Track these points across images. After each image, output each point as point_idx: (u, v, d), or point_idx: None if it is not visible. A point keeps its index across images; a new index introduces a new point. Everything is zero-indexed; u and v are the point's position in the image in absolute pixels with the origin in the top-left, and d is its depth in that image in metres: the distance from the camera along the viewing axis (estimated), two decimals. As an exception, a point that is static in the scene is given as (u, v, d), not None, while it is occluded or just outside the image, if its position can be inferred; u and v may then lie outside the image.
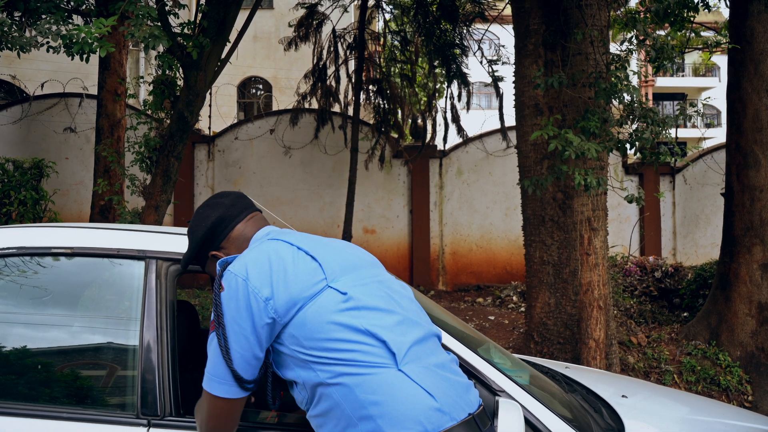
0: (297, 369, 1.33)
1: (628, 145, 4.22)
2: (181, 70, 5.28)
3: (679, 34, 6.35)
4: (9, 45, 3.74)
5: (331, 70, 8.78)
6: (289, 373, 1.36)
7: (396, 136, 9.26)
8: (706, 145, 18.71)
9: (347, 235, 8.01)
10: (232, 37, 5.57)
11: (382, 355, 1.31)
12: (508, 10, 5.97)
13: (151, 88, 5.48)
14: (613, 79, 4.05)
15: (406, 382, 1.29)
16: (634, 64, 4.69)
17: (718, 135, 21.02)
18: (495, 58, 8.41)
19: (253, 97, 16.51)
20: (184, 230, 1.99)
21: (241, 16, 5.86)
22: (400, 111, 9.02)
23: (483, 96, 21.95)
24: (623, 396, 2.24)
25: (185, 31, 5.20)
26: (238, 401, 1.37)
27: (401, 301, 1.46)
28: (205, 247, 1.52)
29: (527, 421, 1.61)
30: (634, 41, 4.48)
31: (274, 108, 12.00)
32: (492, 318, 6.95)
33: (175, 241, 1.80)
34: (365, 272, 1.47)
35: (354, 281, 1.41)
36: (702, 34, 6.80)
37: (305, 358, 1.31)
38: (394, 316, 1.38)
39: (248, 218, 1.54)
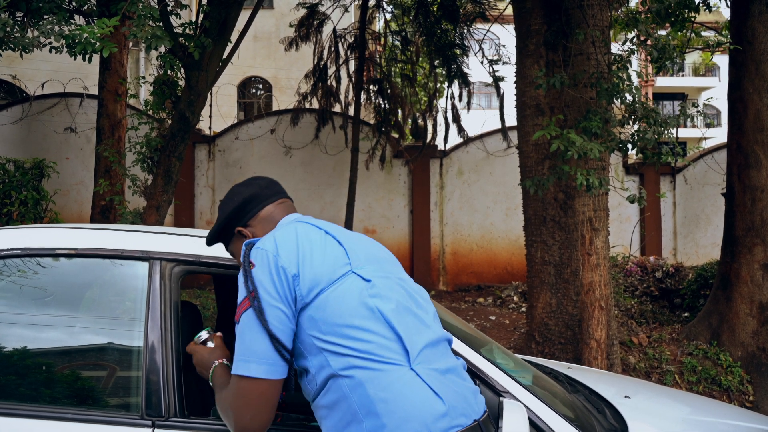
0: (310, 357, 1.33)
1: (629, 146, 4.22)
2: (182, 70, 5.28)
3: (679, 34, 6.36)
4: (12, 45, 3.74)
5: (331, 70, 8.78)
6: (302, 361, 1.35)
7: (397, 136, 9.26)
8: (706, 145, 18.73)
9: (348, 235, 7.99)
10: (234, 37, 5.57)
11: (397, 350, 1.31)
12: (509, 11, 5.96)
13: (152, 88, 5.48)
14: (615, 79, 4.04)
15: (417, 382, 1.29)
16: (634, 64, 4.70)
17: (718, 135, 21.03)
18: (496, 58, 8.40)
19: (254, 97, 16.50)
20: (189, 231, 2.00)
21: (243, 17, 5.86)
22: (400, 111, 9.01)
23: (483, 96, 21.94)
24: (626, 396, 2.25)
25: (187, 31, 5.20)
26: (276, 384, 1.33)
27: (419, 301, 1.47)
28: (234, 220, 1.55)
29: (531, 422, 1.61)
30: (635, 41, 4.48)
31: (275, 108, 11.99)
32: (493, 318, 6.95)
33: (179, 242, 1.80)
34: (387, 267, 1.49)
35: (377, 272, 1.43)
36: (702, 34, 6.81)
37: (320, 345, 1.31)
38: (410, 315, 1.39)
39: (279, 202, 1.58)
